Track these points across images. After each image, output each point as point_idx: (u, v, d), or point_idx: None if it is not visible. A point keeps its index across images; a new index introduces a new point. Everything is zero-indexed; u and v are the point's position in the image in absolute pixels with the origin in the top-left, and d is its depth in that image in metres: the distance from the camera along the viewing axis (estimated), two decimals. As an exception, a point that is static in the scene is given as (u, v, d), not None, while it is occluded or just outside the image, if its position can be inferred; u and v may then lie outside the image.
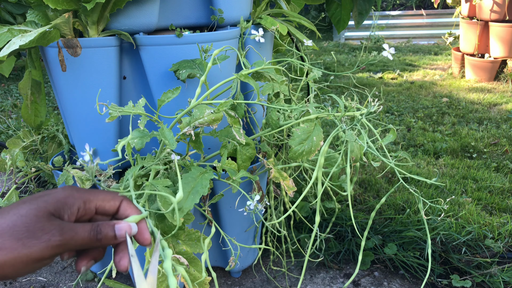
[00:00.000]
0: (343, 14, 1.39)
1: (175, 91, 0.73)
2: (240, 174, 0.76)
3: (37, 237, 0.34)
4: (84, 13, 0.82)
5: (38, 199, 0.36)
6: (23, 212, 0.34)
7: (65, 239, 0.35)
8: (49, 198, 0.36)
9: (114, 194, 0.41)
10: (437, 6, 3.36)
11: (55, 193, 0.37)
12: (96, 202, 0.39)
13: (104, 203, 0.40)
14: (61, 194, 0.37)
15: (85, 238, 0.37)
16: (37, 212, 0.35)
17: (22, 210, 0.34)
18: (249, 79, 0.74)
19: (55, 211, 0.36)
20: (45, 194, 0.37)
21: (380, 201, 0.74)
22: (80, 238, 0.36)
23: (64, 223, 0.36)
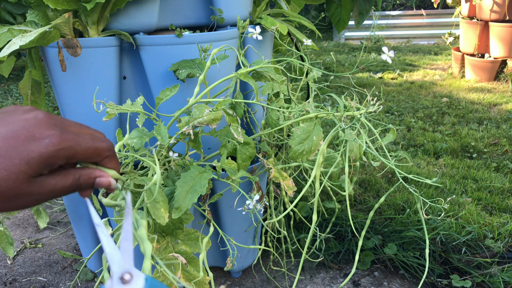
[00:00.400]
0: (343, 14, 1.39)
1: (173, 89, 0.73)
2: (240, 173, 0.76)
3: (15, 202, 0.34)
4: (84, 13, 0.82)
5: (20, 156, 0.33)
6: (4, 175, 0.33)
7: (44, 199, 0.36)
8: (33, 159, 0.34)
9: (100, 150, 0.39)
10: (437, 6, 3.36)
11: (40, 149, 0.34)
12: (79, 159, 0.37)
13: (87, 160, 0.38)
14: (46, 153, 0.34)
15: (64, 194, 0.37)
16: (17, 177, 0.33)
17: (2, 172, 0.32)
18: (248, 78, 0.74)
19: (36, 173, 0.34)
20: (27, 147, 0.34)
21: (379, 201, 0.74)
22: (60, 195, 0.37)
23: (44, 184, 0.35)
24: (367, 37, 4.96)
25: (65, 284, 1.21)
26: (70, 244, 1.40)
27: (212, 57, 0.74)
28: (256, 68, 0.79)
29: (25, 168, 0.33)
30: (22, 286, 1.21)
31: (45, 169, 0.35)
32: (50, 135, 0.35)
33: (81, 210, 1.07)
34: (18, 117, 0.35)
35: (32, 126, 0.34)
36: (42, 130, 0.35)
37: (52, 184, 0.36)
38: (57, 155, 0.35)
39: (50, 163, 0.35)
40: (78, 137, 0.37)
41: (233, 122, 0.73)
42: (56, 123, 0.36)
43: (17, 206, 0.35)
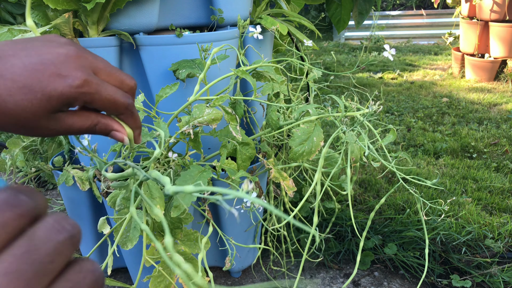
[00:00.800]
0: (343, 14, 1.39)
1: (173, 87, 0.73)
2: (239, 174, 0.76)
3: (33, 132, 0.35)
4: (84, 13, 0.82)
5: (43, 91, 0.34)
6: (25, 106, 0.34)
7: (60, 132, 0.37)
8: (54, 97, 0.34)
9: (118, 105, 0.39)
10: (437, 6, 3.36)
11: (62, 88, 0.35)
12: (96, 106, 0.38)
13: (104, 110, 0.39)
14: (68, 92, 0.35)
15: (79, 132, 0.39)
16: (37, 111, 0.34)
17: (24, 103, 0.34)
18: (247, 75, 0.74)
19: (55, 109, 0.35)
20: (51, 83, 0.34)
21: (380, 202, 0.74)
22: (75, 131, 0.38)
23: (61, 121, 0.37)
24: (367, 37, 4.96)
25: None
26: (70, 244, 1.40)
27: (212, 57, 0.73)
28: (256, 66, 0.79)
29: (45, 104, 0.34)
30: (22, 286, 1.21)
31: (64, 107, 0.36)
32: (74, 77, 0.35)
33: (81, 210, 1.07)
34: (51, 50, 0.36)
35: (61, 63, 0.35)
36: (70, 69, 0.35)
37: (69, 123, 0.38)
38: (76, 97, 0.36)
39: (69, 102, 0.36)
40: (101, 86, 0.37)
41: (232, 121, 0.73)
42: (85, 64, 0.37)
43: (33, 135, 0.36)
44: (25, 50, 0.35)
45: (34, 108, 0.34)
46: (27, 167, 1.05)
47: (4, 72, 0.33)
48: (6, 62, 0.34)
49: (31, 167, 1.05)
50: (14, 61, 0.34)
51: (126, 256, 1.05)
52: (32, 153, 1.19)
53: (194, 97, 0.70)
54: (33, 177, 1.29)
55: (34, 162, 1.06)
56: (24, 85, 0.34)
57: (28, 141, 1.13)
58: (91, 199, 1.05)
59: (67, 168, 0.96)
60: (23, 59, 0.34)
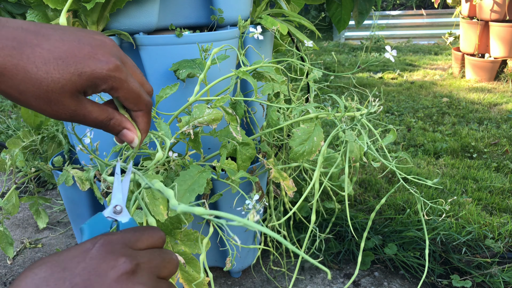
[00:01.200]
0: (343, 14, 1.39)
1: (173, 87, 0.73)
2: (239, 174, 0.76)
3: (51, 106, 0.36)
4: (84, 13, 0.82)
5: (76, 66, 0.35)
6: (55, 77, 0.34)
7: (74, 118, 0.38)
8: (84, 74, 0.35)
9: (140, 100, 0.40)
10: (437, 6, 3.36)
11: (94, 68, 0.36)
12: (119, 95, 0.39)
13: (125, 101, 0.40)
14: (99, 73, 0.36)
15: (93, 124, 0.39)
16: (65, 84, 0.35)
17: (55, 73, 0.34)
18: (247, 76, 0.74)
19: (82, 89, 0.36)
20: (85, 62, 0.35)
21: (380, 202, 0.74)
22: (88, 123, 0.39)
23: (81, 104, 0.37)
24: (368, 37, 4.96)
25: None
26: (70, 244, 1.40)
27: (212, 57, 0.73)
28: (256, 67, 0.79)
29: (75, 79, 0.35)
30: (22, 286, 1.21)
31: (90, 88, 0.37)
32: (108, 60, 0.37)
33: (80, 210, 1.07)
34: (88, 34, 0.38)
35: (97, 46, 0.37)
36: (104, 53, 0.37)
37: (88, 109, 0.38)
38: (106, 80, 0.37)
39: (96, 84, 0.36)
40: (130, 76, 0.39)
41: (232, 121, 0.72)
42: (118, 54, 0.39)
43: (50, 112, 0.36)
44: (63, 30, 0.37)
45: (64, 81, 0.35)
46: (27, 167, 1.05)
47: (42, 42, 0.35)
48: (44, 35, 0.35)
49: (31, 167, 1.05)
50: (53, 35, 0.35)
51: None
52: (32, 153, 1.19)
53: (194, 97, 0.70)
54: (33, 177, 1.29)
55: (34, 162, 1.06)
56: (60, 57, 0.35)
57: (28, 141, 1.13)
58: (91, 199, 1.05)
59: (67, 168, 0.96)
60: (62, 35, 0.36)
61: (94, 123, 0.39)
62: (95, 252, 0.32)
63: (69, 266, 0.31)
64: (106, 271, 0.31)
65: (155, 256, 0.35)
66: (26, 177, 1.07)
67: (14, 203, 0.99)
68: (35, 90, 0.34)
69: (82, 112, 0.37)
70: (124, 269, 0.31)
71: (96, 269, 0.31)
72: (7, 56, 0.33)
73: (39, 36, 0.35)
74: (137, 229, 0.37)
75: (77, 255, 0.32)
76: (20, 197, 1.23)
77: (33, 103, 0.35)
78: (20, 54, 0.34)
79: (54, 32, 0.36)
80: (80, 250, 0.33)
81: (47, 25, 0.36)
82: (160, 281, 0.34)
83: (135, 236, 0.36)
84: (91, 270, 0.31)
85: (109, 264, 0.32)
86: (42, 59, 0.34)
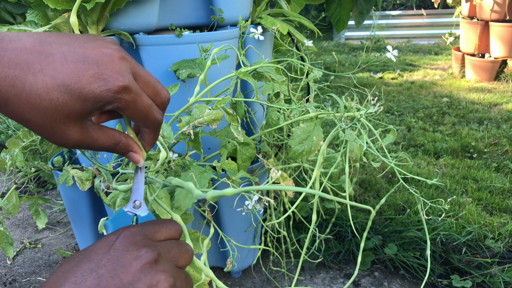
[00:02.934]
0: (342, 14, 1.39)
1: (173, 88, 0.73)
2: (240, 174, 0.76)
3: (56, 136, 0.35)
4: (84, 13, 0.82)
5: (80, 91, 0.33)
6: (59, 105, 0.33)
7: (81, 145, 0.37)
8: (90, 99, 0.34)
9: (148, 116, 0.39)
10: (437, 6, 3.36)
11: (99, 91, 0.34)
12: (126, 114, 0.38)
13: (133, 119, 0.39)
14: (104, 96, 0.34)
15: (100, 149, 0.39)
16: (70, 112, 0.34)
17: (58, 102, 0.33)
18: (248, 76, 0.74)
19: (86, 113, 0.35)
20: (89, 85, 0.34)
21: (380, 202, 0.74)
22: (96, 148, 0.38)
23: (87, 130, 0.36)
24: (368, 37, 4.95)
25: (65, 284, 1.21)
26: (70, 244, 1.40)
27: (212, 57, 0.73)
28: (256, 67, 0.79)
29: (79, 106, 0.34)
30: (22, 286, 1.21)
31: (96, 110, 0.35)
32: (115, 80, 0.35)
33: (80, 210, 1.07)
34: (96, 47, 0.35)
35: (104, 64, 0.35)
36: (112, 71, 0.35)
37: (94, 138, 0.37)
38: (111, 102, 0.35)
39: (102, 106, 0.35)
40: (139, 96, 0.37)
41: (233, 121, 0.72)
42: (127, 68, 0.36)
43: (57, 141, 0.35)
44: (69, 45, 0.35)
45: (68, 109, 0.34)
46: (27, 167, 1.05)
47: (45, 67, 0.33)
48: (48, 56, 0.33)
49: (31, 167, 1.05)
50: (57, 55, 0.34)
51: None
52: (32, 153, 1.19)
53: (194, 98, 0.70)
54: (33, 177, 1.29)
55: (34, 162, 1.06)
56: (63, 83, 0.33)
57: (27, 141, 1.13)
58: (91, 199, 1.05)
59: (67, 168, 0.96)
60: (66, 55, 0.34)
61: (100, 148, 0.39)
62: (119, 244, 0.34)
63: (95, 258, 0.33)
64: (130, 261, 0.33)
65: (173, 247, 0.38)
66: (26, 177, 1.07)
67: (14, 203, 0.99)
68: (39, 120, 0.33)
69: (88, 141, 0.37)
70: (147, 259, 0.33)
71: (120, 260, 0.33)
72: (9, 86, 0.32)
73: (43, 57, 0.33)
74: (156, 221, 0.39)
75: (102, 247, 0.34)
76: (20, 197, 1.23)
77: (37, 130, 0.34)
78: (23, 84, 0.32)
79: (58, 49, 0.34)
80: (104, 242, 0.35)
81: (52, 39, 0.34)
82: (179, 270, 0.37)
83: (155, 228, 0.38)
84: (115, 261, 0.33)
85: (132, 255, 0.33)
86: (45, 88, 0.33)
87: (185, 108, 0.72)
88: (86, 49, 0.35)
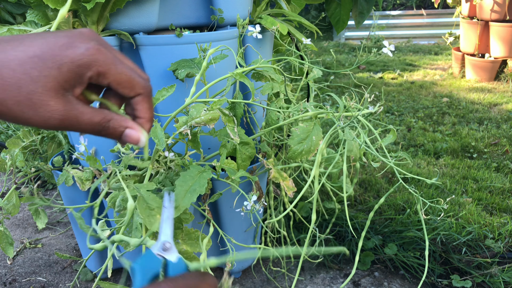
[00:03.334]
0: (342, 14, 1.39)
1: (169, 89, 0.73)
2: (239, 173, 0.76)
3: (37, 112, 0.32)
4: (84, 13, 0.82)
5: (54, 59, 0.32)
6: (33, 76, 0.32)
7: (65, 123, 0.34)
8: (65, 64, 0.32)
9: (135, 82, 0.36)
10: (437, 6, 3.36)
11: (73, 56, 0.32)
12: (110, 82, 0.35)
13: (118, 87, 0.36)
14: (79, 59, 0.33)
15: (87, 129, 0.35)
16: (47, 82, 0.32)
17: (33, 72, 0.32)
18: (244, 77, 0.74)
19: (66, 84, 0.33)
20: (62, 52, 0.32)
21: (379, 202, 0.74)
22: (82, 128, 0.35)
23: (70, 105, 0.34)
24: (367, 37, 4.95)
25: (65, 284, 1.21)
26: (70, 244, 1.40)
27: (208, 57, 0.73)
28: (252, 68, 0.79)
29: (55, 73, 0.32)
30: (22, 286, 1.21)
31: (75, 81, 0.33)
32: (88, 46, 0.33)
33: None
34: (65, 30, 0.35)
35: (75, 37, 0.34)
36: (83, 40, 0.33)
37: (80, 110, 0.34)
38: (89, 65, 0.33)
39: (80, 73, 0.33)
40: (117, 60, 0.35)
41: (229, 122, 0.72)
42: (99, 40, 0.35)
43: (38, 118, 0.33)
44: (41, 33, 0.34)
45: (44, 78, 0.32)
46: (27, 167, 1.05)
47: (16, 46, 0.32)
48: (18, 39, 0.33)
49: (31, 167, 1.05)
50: (27, 38, 0.33)
51: (128, 256, 1.05)
52: (32, 153, 1.19)
53: (190, 99, 0.70)
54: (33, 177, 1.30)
55: (34, 162, 1.06)
56: (35, 54, 0.32)
57: (27, 141, 1.13)
58: (91, 199, 1.05)
59: (67, 168, 0.96)
60: (36, 36, 0.33)
61: (89, 126, 0.35)
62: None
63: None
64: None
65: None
66: (26, 177, 1.07)
67: (14, 203, 0.99)
68: (15, 95, 0.32)
69: (73, 113, 0.34)
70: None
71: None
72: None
73: (12, 41, 0.33)
74: (193, 277, 0.37)
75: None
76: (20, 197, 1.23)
77: (16, 111, 0.32)
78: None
79: (29, 35, 0.33)
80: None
81: (24, 34, 0.34)
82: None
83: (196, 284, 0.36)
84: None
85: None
86: (17, 60, 0.32)
87: (180, 109, 0.72)
88: (56, 32, 0.34)
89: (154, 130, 0.64)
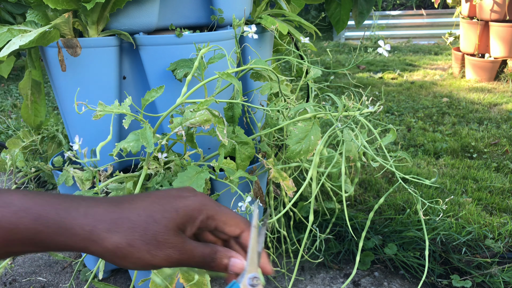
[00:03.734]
0: (342, 14, 1.39)
1: (159, 90, 0.73)
2: (238, 173, 0.76)
3: (161, 249, 0.37)
4: (84, 13, 0.82)
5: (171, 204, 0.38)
6: (156, 218, 0.37)
7: (182, 258, 0.38)
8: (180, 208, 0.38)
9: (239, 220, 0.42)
10: (437, 6, 3.36)
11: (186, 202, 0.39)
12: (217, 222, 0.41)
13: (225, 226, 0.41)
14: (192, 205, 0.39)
15: (199, 262, 0.40)
16: (168, 223, 0.37)
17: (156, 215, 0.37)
18: (231, 78, 0.73)
19: (182, 225, 0.38)
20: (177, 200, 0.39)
21: (379, 202, 0.74)
22: (195, 261, 0.39)
23: (186, 241, 0.39)
24: (367, 37, 4.95)
25: (65, 284, 1.21)
26: (70, 244, 1.40)
27: (200, 57, 0.73)
28: (247, 67, 0.79)
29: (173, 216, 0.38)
30: (22, 286, 1.21)
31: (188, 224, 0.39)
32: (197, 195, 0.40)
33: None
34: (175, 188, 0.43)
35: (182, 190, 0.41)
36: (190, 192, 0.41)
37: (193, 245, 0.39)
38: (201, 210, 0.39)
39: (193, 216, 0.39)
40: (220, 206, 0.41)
41: (219, 124, 0.72)
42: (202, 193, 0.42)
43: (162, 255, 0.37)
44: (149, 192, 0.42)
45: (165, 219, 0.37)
46: (27, 167, 1.05)
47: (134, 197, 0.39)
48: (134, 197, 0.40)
49: (31, 167, 1.05)
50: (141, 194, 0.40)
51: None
52: (32, 153, 1.19)
53: (181, 99, 0.70)
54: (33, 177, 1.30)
55: (34, 162, 1.06)
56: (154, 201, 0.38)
57: (28, 141, 1.13)
58: (91, 199, 1.05)
59: (67, 168, 0.96)
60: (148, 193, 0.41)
61: (200, 258, 0.39)
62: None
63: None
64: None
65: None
66: (26, 177, 1.07)
67: (14, 203, 0.99)
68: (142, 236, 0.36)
69: (189, 248, 0.38)
70: None
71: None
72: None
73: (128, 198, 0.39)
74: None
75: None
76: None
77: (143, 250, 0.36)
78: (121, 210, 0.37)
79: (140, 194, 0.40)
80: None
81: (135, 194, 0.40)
82: None
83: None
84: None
85: None
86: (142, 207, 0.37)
87: (170, 110, 0.72)
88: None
89: (143, 131, 0.64)
